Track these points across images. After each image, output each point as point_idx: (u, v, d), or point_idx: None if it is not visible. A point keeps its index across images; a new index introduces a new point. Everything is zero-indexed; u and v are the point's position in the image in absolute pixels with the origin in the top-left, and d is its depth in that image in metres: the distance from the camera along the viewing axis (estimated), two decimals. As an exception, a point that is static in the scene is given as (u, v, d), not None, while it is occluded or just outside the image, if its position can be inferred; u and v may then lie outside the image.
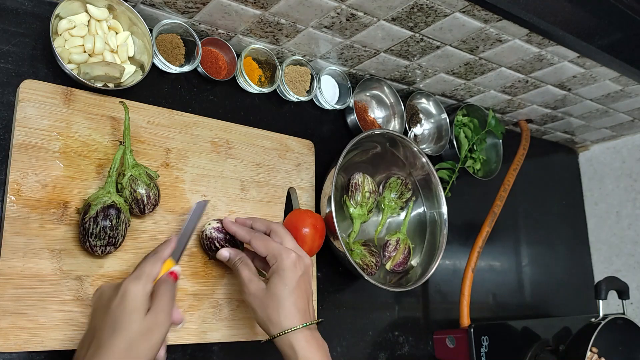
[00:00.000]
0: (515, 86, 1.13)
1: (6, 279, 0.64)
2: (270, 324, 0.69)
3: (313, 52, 0.95)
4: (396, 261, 0.99)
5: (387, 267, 0.99)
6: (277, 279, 0.70)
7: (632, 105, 1.27)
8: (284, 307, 0.68)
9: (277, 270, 0.70)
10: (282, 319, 0.68)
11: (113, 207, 0.68)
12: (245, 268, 0.73)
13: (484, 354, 1.02)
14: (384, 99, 1.10)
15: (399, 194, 1.01)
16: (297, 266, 0.70)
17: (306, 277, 0.72)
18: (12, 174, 0.66)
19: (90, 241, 0.67)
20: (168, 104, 0.83)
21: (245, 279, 0.72)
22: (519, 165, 1.24)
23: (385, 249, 0.99)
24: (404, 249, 0.99)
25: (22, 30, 0.73)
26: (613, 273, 1.46)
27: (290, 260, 0.70)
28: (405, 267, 1.00)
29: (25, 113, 0.68)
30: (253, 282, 0.71)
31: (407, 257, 1.00)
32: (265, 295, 0.70)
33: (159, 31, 0.82)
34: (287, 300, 0.68)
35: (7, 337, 0.63)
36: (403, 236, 1.01)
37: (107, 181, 0.69)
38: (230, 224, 0.77)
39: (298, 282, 0.70)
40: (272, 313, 0.69)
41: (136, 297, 0.59)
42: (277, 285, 0.69)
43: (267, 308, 0.69)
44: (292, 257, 0.71)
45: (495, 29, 0.88)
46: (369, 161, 1.02)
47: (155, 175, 0.74)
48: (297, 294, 0.69)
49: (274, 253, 0.71)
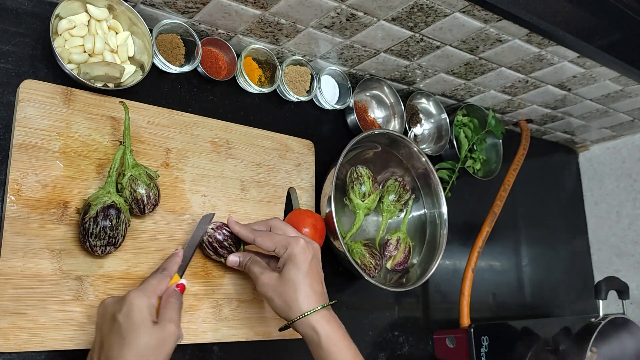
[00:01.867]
0: (515, 86, 1.13)
1: (6, 279, 0.64)
2: (288, 309, 0.70)
3: (313, 52, 0.95)
4: (397, 260, 0.99)
5: (388, 266, 0.99)
6: (291, 264, 0.71)
7: (632, 105, 1.27)
8: (301, 291, 0.69)
9: (289, 257, 0.71)
10: (300, 302, 0.69)
11: (113, 207, 0.68)
12: (256, 265, 0.75)
13: (484, 354, 1.02)
14: (384, 99, 1.10)
15: (398, 196, 1.01)
16: (307, 250, 0.72)
17: (316, 260, 0.73)
18: (12, 174, 0.66)
19: (90, 241, 0.67)
20: (168, 104, 0.83)
21: (257, 273, 0.73)
22: (519, 165, 1.24)
23: (385, 248, 0.99)
24: (404, 248, 1.00)
25: (22, 30, 0.73)
26: (613, 273, 1.46)
27: (300, 246, 0.72)
28: (406, 266, 1.01)
29: (25, 113, 0.68)
30: (265, 274, 0.73)
31: (408, 256, 1.00)
32: (280, 282, 0.71)
33: (159, 31, 0.82)
34: (302, 283, 0.70)
35: (7, 337, 0.63)
36: (403, 235, 1.01)
37: (107, 181, 0.69)
38: (234, 223, 0.78)
39: (310, 266, 0.71)
40: (289, 298, 0.70)
41: (142, 309, 0.60)
42: (291, 270, 0.70)
43: (283, 294, 0.70)
44: (301, 242, 0.72)
45: (495, 29, 0.88)
46: (370, 161, 1.02)
47: (155, 175, 0.74)
48: (311, 276, 0.71)
49: (282, 243, 0.73)
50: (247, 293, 0.83)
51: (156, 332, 0.59)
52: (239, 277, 0.82)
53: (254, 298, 0.83)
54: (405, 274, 1.01)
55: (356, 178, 0.96)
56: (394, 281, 0.99)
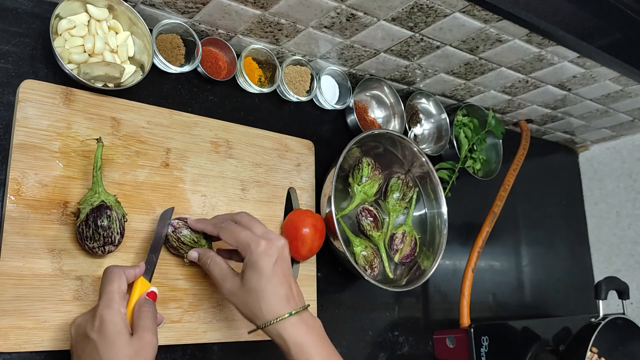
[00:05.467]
0: (515, 86, 1.13)
1: (6, 279, 0.64)
2: (254, 317, 0.66)
3: (313, 52, 0.95)
4: (404, 253, 0.99)
5: (396, 260, 0.99)
6: (251, 271, 0.66)
7: (632, 105, 1.27)
8: (264, 299, 0.65)
9: (249, 263, 0.66)
10: (264, 312, 0.65)
11: (102, 207, 0.67)
12: (216, 267, 0.70)
13: (484, 354, 1.02)
14: (384, 99, 1.10)
15: (402, 194, 1.01)
16: (268, 253, 0.66)
17: (281, 261, 0.67)
18: (12, 174, 0.66)
19: (87, 244, 0.67)
20: (168, 104, 0.83)
21: (218, 278, 0.69)
22: (519, 165, 1.24)
23: (392, 242, 0.99)
24: (410, 240, 1.00)
25: (22, 30, 0.73)
26: (613, 273, 1.46)
27: (261, 249, 0.66)
28: (413, 258, 1.01)
29: (25, 113, 0.68)
30: (227, 280, 0.68)
31: (414, 248, 1.01)
32: (242, 291, 0.66)
33: (159, 31, 0.82)
34: (265, 291, 0.65)
35: (7, 337, 0.63)
36: (409, 228, 1.01)
37: (93, 181, 0.69)
38: (196, 222, 0.74)
39: (274, 270, 0.66)
40: (253, 307, 0.66)
41: (114, 322, 0.58)
42: (252, 278, 0.66)
43: (247, 304, 0.66)
44: (262, 244, 0.66)
45: (495, 29, 0.88)
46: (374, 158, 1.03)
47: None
48: (275, 282, 0.66)
49: (243, 244, 0.67)
50: (247, 293, 0.83)
51: (133, 343, 0.58)
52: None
53: (254, 298, 0.83)
54: (414, 266, 1.01)
55: (356, 165, 0.98)
56: (405, 274, 1.00)
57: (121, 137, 0.75)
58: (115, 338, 0.57)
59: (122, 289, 0.62)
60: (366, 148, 1.01)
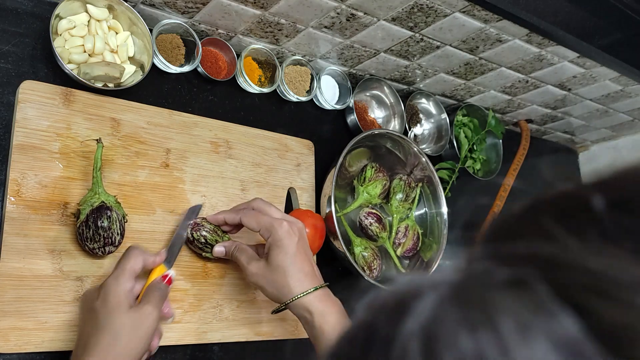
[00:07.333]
0: (515, 86, 1.13)
1: (6, 280, 0.64)
2: (281, 295, 0.68)
3: (313, 52, 0.95)
4: (406, 247, 1.00)
5: (398, 253, 1.00)
6: (277, 250, 0.69)
7: (632, 105, 1.27)
8: (292, 275, 0.68)
9: (274, 242, 0.69)
10: (292, 287, 0.68)
11: (102, 208, 0.67)
12: (243, 253, 0.73)
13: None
14: (384, 99, 1.10)
15: (405, 195, 1.02)
16: (291, 233, 0.70)
17: (302, 241, 0.71)
18: (12, 175, 0.66)
19: (87, 245, 0.67)
20: (168, 104, 0.83)
21: (244, 262, 0.72)
22: (519, 165, 1.24)
23: (395, 236, 1.00)
24: (412, 235, 1.00)
25: (22, 30, 0.73)
26: (613, 273, 1.46)
27: (284, 229, 0.69)
28: (415, 252, 1.02)
29: (25, 114, 0.68)
30: (252, 263, 0.71)
31: (417, 242, 1.01)
32: (268, 270, 0.69)
33: (159, 31, 0.82)
34: (292, 267, 0.68)
35: (8, 338, 0.63)
36: (411, 223, 1.01)
37: (92, 182, 0.68)
38: (216, 215, 0.77)
39: (297, 248, 0.69)
40: (280, 284, 0.68)
41: (117, 293, 0.60)
42: (278, 256, 0.69)
43: (274, 282, 0.69)
44: (284, 225, 0.70)
45: (495, 29, 0.88)
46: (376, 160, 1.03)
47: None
48: (300, 258, 0.69)
49: (266, 226, 0.70)
50: (247, 293, 0.83)
51: (131, 313, 0.59)
52: (239, 277, 0.82)
53: (254, 298, 0.83)
54: (418, 260, 1.01)
55: (361, 169, 0.99)
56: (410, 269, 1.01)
57: (121, 137, 0.75)
58: (114, 307, 0.59)
59: (135, 269, 0.63)
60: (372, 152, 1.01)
